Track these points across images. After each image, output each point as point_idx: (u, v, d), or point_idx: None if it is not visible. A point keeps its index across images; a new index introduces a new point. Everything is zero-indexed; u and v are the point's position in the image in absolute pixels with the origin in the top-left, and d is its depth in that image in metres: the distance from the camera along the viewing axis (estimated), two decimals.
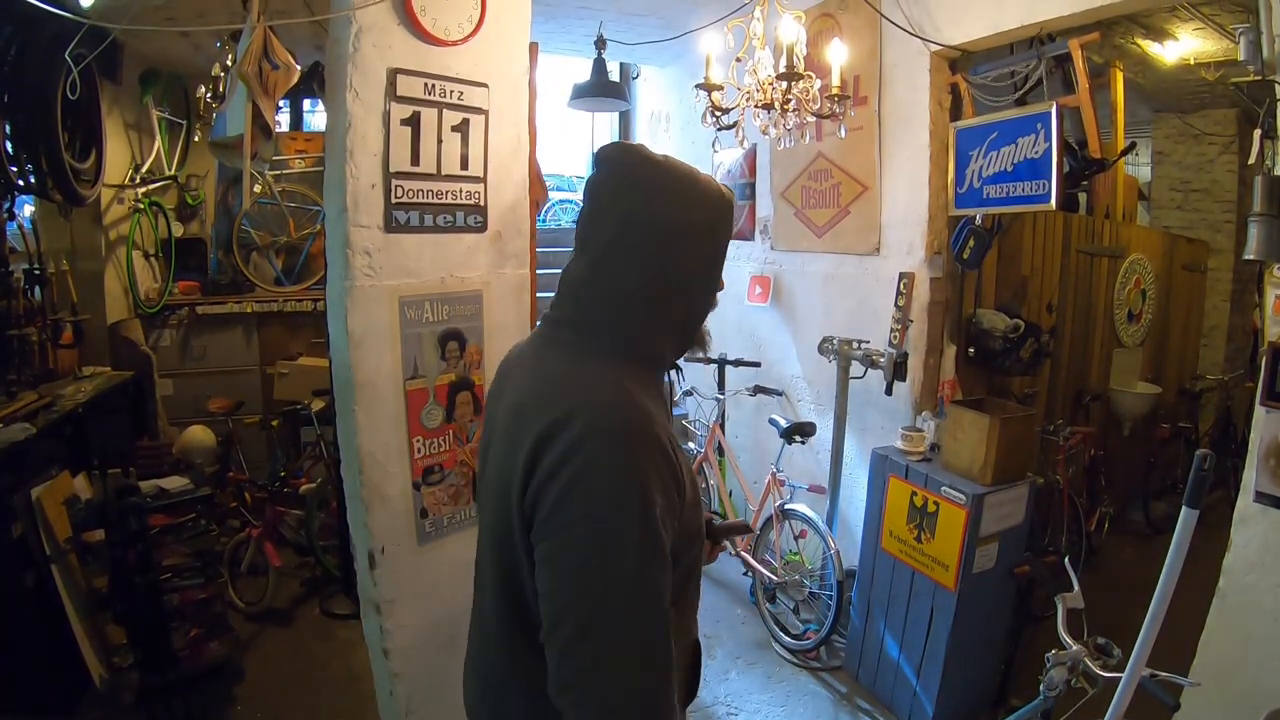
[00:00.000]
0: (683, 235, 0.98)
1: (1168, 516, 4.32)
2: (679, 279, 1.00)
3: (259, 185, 4.29)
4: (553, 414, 0.88)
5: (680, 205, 0.98)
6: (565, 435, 0.85)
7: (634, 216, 0.97)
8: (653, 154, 1.00)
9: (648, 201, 0.97)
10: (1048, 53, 2.47)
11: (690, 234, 0.99)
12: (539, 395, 0.94)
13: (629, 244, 0.97)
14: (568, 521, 0.84)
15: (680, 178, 0.99)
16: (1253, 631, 1.84)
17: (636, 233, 0.96)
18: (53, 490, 2.57)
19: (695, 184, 0.99)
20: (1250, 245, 1.91)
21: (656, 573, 0.86)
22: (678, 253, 0.98)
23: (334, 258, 1.84)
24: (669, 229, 0.97)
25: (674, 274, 0.99)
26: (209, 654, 2.66)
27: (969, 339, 3.06)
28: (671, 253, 0.98)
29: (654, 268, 0.97)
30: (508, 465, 0.92)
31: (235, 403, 4.02)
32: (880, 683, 2.76)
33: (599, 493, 0.84)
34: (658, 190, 0.97)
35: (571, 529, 0.84)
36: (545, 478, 0.85)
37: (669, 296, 0.99)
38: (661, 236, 0.97)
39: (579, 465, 0.84)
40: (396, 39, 1.78)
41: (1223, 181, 5.24)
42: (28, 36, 2.83)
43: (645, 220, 0.96)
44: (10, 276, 3.06)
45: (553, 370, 0.97)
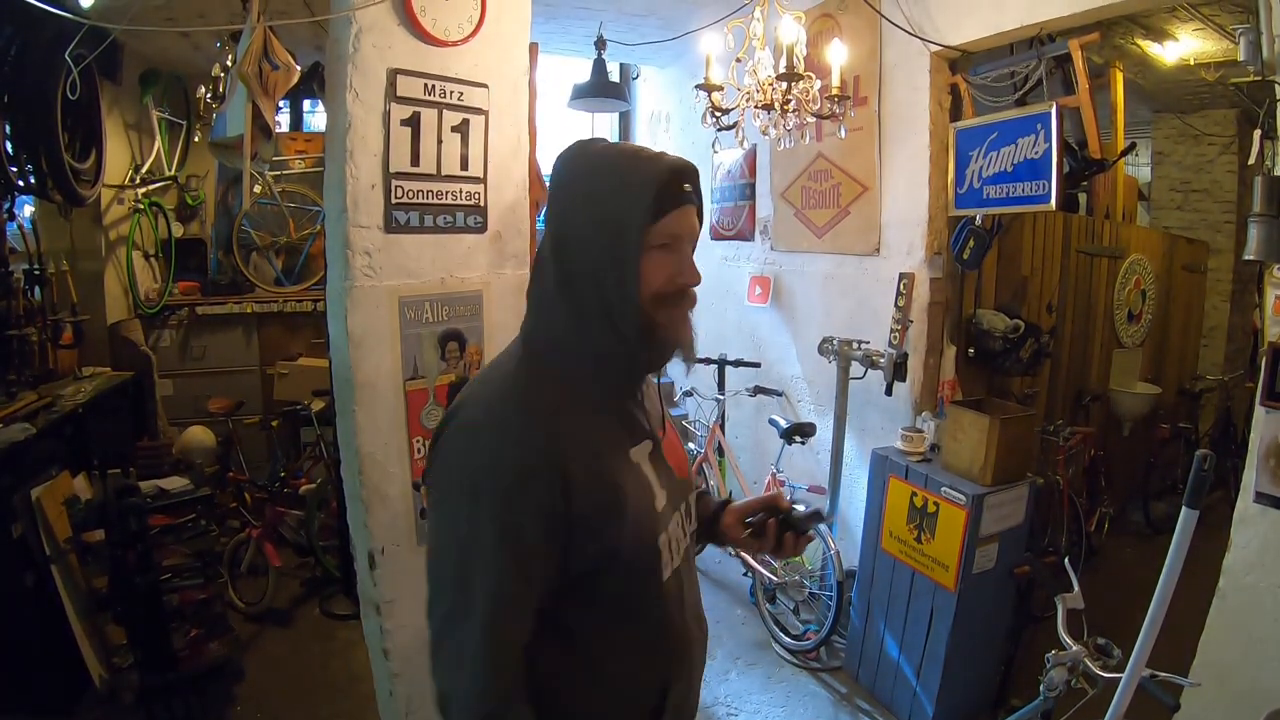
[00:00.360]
0: (574, 207, 0.92)
1: (1168, 517, 4.32)
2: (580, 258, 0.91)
3: (259, 186, 4.29)
4: (457, 402, 0.93)
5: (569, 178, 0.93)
6: (450, 424, 0.90)
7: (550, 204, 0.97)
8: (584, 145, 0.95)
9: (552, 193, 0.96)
10: (1047, 53, 2.47)
11: (581, 203, 0.91)
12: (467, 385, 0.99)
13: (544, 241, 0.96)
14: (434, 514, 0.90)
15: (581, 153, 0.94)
16: (1253, 632, 1.84)
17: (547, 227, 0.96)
18: (53, 490, 2.57)
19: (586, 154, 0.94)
20: (1250, 246, 1.91)
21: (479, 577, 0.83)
22: (573, 228, 0.91)
23: (334, 258, 1.84)
24: (562, 206, 0.93)
25: (574, 253, 0.91)
26: (209, 654, 2.65)
27: (969, 339, 3.07)
28: (567, 230, 0.92)
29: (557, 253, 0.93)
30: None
31: (235, 403, 4.02)
32: (880, 683, 2.76)
33: (440, 489, 0.88)
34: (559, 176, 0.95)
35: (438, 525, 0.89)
36: (429, 460, 0.92)
37: (576, 281, 0.91)
38: (558, 218, 0.94)
39: (446, 455, 0.88)
40: (396, 39, 1.78)
41: (1223, 182, 5.25)
42: (28, 37, 2.83)
43: (551, 212, 0.95)
44: (10, 277, 3.06)
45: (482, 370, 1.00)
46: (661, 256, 0.91)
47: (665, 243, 0.91)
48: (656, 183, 0.88)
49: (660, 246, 0.91)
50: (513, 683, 0.86)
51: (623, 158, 0.92)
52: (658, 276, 0.91)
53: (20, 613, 2.42)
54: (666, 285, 0.92)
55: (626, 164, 0.90)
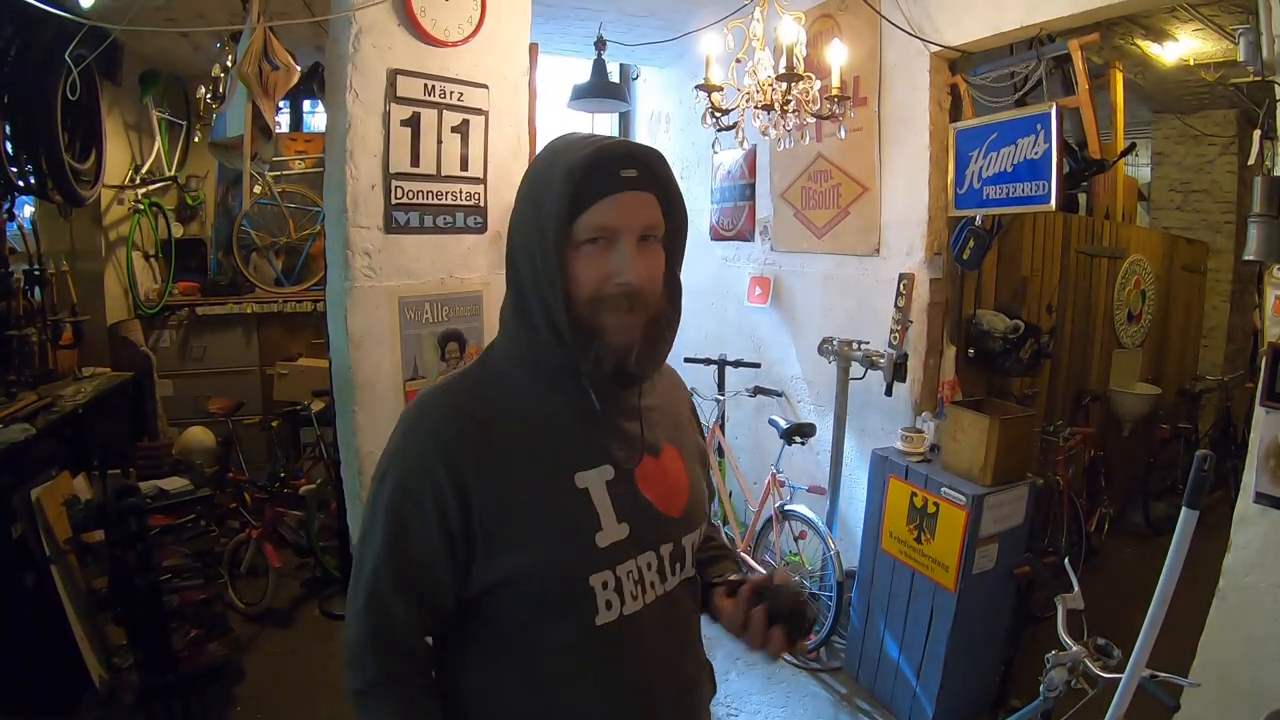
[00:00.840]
0: (515, 210, 0.88)
1: (1167, 517, 4.32)
2: (522, 264, 0.86)
3: (259, 186, 4.29)
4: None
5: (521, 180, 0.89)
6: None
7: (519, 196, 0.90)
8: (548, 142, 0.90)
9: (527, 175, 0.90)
10: (1047, 53, 2.47)
11: (519, 205, 0.87)
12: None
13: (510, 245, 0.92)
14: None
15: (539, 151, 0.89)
16: (1253, 632, 1.84)
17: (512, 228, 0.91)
18: (52, 491, 2.57)
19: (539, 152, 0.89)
20: (1250, 246, 1.91)
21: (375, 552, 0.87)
22: (515, 233, 0.87)
23: (334, 258, 1.84)
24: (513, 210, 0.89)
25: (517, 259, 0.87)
26: (209, 655, 2.65)
27: (969, 340, 3.07)
28: (513, 235, 0.88)
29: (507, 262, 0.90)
30: None
31: (235, 403, 4.02)
32: (880, 683, 2.76)
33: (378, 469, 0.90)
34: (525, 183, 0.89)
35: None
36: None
37: (523, 289, 0.87)
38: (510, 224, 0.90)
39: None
40: (396, 40, 1.78)
41: (1222, 182, 5.25)
42: (28, 37, 2.83)
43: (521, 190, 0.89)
44: (10, 277, 3.06)
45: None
46: (592, 253, 0.82)
47: (594, 237, 0.82)
48: (576, 170, 0.79)
49: (589, 242, 0.82)
50: (388, 664, 0.87)
51: (557, 149, 0.84)
52: (590, 276, 0.82)
53: (20, 613, 2.42)
54: (603, 286, 0.82)
55: (554, 155, 0.82)
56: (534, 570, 0.85)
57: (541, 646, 0.89)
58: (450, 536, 0.84)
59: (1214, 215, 5.29)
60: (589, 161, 0.80)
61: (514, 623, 0.88)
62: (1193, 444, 4.53)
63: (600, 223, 0.81)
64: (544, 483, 0.86)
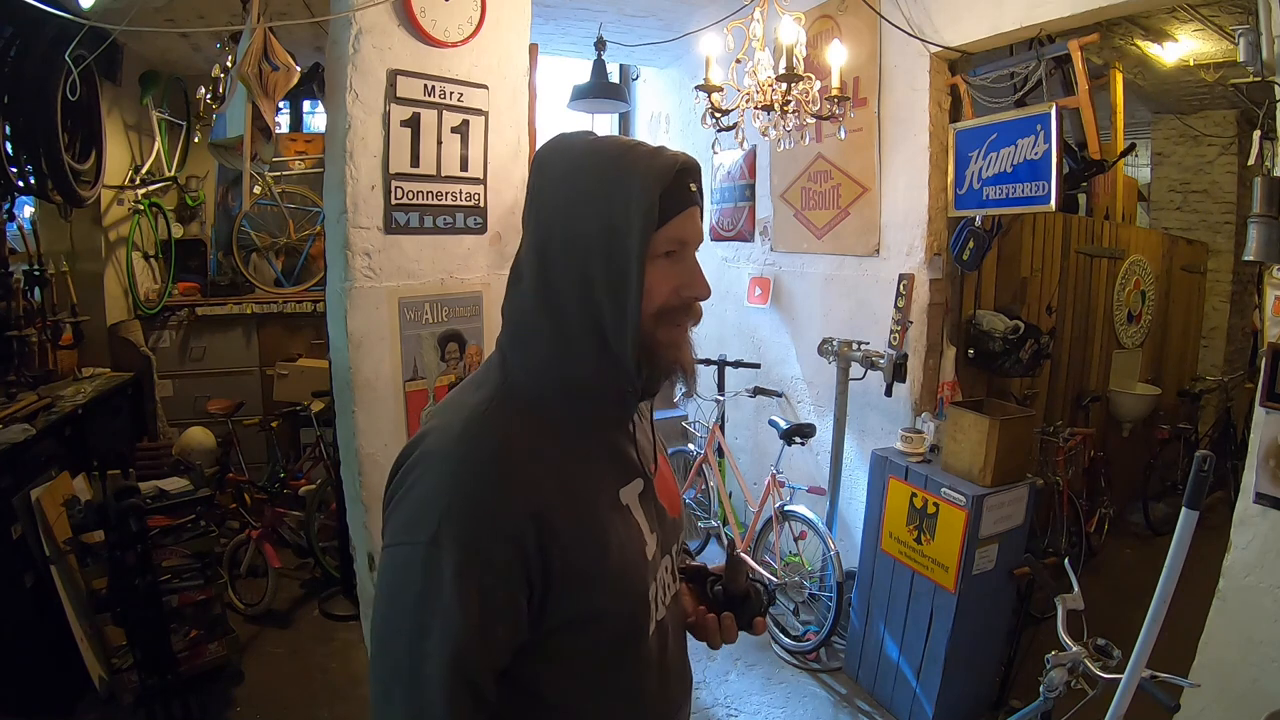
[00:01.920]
0: (559, 210, 0.78)
1: (1167, 518, 4.32)
2: (567, 269, 0.78)
3: (259, 186, 4.29)
4: (422, 431, 0.81)
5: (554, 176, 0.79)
6: (413, 454, 0.78)
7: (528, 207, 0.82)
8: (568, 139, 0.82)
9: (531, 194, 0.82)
10: (1047, 54, 2.47)
11: (567, 206, 0.77)
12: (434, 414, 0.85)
13: (521, 249, 0.82)
14: (385, 550, 0.76)
15: (565, 148, 0.81)
16: (1253, 633, 1.84)
17: (526, 233, 0.82)
18: (52, 491, 2.57)
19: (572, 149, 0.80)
20: (1250, 247, 1.91)
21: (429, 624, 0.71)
22: (558, 235, 0.78)
23: (334, 259, 1.84)
24: (544, 209, 0.79)
25: (559, 263, 0.78)
26: (208, 655, 2.65)
27: (969, 340, 3.07)
28: (551, 237, 0.78)
29: (538, 264, 0.79)
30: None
31: (235, 404, 4.02)
32: (880, 684, 2.76)
33: (398, 526, 0.75)
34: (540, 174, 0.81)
35: (384, 564, 0.75)
36: (387, 500, 0.79)
37: (561, 296, 0.79)
38: (540, 223, 0.80)
39: (398, 494, 0.76)
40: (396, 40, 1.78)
41: (1222, 183, 5.25)
42: (28, 37, 2.83)
43: (530, 217, 0.81)
44: (10, 277, 3.06)
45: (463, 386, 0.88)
46: (667, 266, 0.79)
47: (671, 250, 0.79)
48: (662, 181, 0.76)
49: (665, 255, 0.79)
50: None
51: (619, 152, 0.77)
52: (663, 289, 0.79)
53: (20, 614, 2.42)
54: (672, 299, 0.80)
55: (625, 160, 0.76)
56: (611, 598, 0.80)
57: (606, 666, 0.84)
58: (531, 588, 0.75)
59: (1214, 216, 5.29)
60: (673, 173, 0.78)
61: (580, 650, 0.82)
62: (1192, 445, 4.53)
63: (678, 236, 0.79)
64: (604, 505, 0.82)
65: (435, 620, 0.71)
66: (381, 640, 0.75)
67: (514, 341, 0.83)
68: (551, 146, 0.81)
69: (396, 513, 0.75)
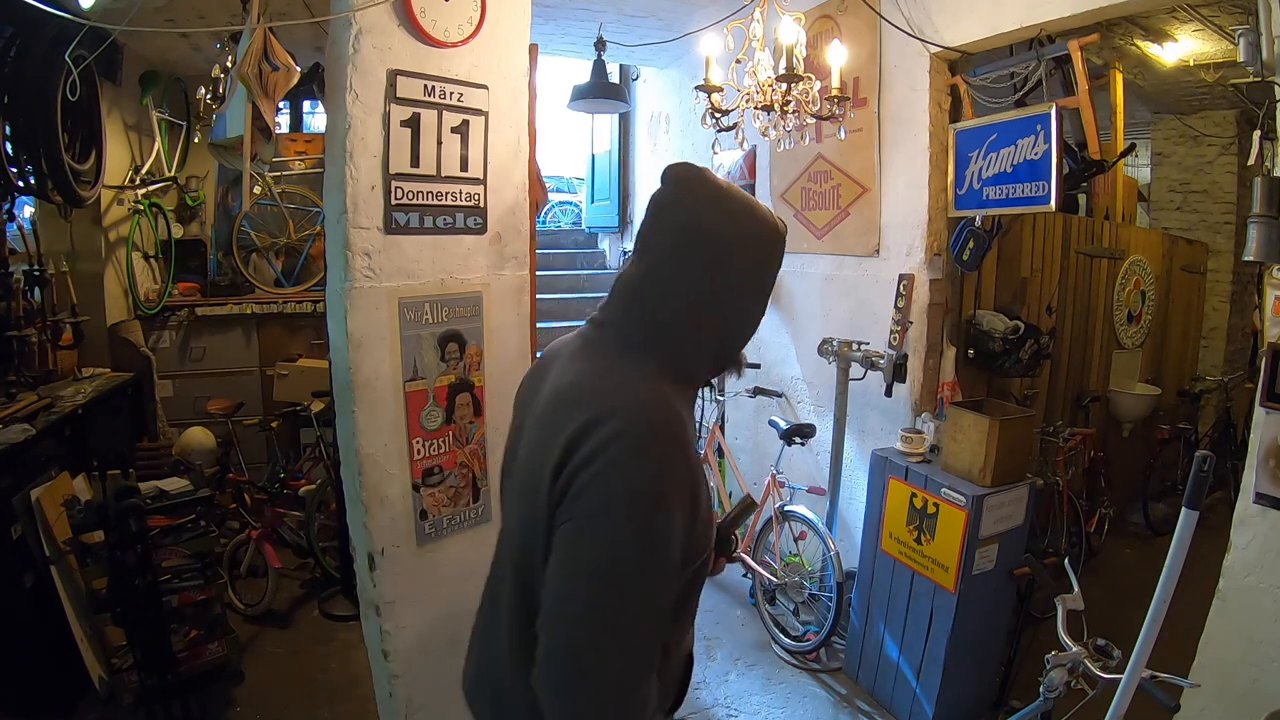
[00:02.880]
0: (732, 251, 0.98)
1: (1167, 518, 4.32)
2: (724, 296, 0.99)
3: (259, 187, 4.29)
4: (595, 408, 0.89)
5: (732, 222, 0.98)
6: (604, 429, 0.86)
7: (690, 227, 0.97)
8: (715, 176, 1.02)
9: (705, 213, 0.98)
10: (1047, 54, 2.47)
11: (740, 251, 0.99)
12: (581, 388, 0.95)
13: (683, 254, 0.97)
14: (589, 514, 0.84)
15: (738, 198, 1.01)
16: (1253, 633, 1.84)
17: (690, 243, 0.97)
18: (52, 491, 2.57)
19: (752, 207, 1.01)
20: (1250, 247, 1.91)
21: (656, 580, 0.86)
22: (726, 269, 0.98)
23: (334, 259, 1.84)
24: (720, 241, 0.97)
25: (720, 290, 0.98)
26: (208, 655, 2.65)
27: (968, 341, 3.07)
28: (720, 268, 0.98)
29: (702, 282, 0.97)
30: (542, 448, 0.91)
31: (235, 404, 4.02)
32: (880, 684, 2.76)
33: (621, 491, 0.84)
34: (716, 204, 0.98)
35: (590, 522, 0.84)
36: (578, 466, 0.86)
37: (713, 312, 0.99)
38: (712, 249, 0.97)
39: (609, 459, 0.84)
40: (396, 40, 1.78)
41: (1222, 183, 5.25)
42: (28, 37, 2.83)
43: (700, 231, 0.97)
44: (10, 278, 3.06)
45: (597, 367, 0.97)
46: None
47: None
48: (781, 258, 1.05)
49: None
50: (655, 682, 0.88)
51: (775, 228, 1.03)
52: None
53: (20, 614, 2.42)
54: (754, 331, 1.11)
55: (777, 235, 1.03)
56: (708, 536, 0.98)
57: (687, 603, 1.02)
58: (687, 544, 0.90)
59: (1214, 216, 5.29)
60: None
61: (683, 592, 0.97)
62: (1192, 445, 4.53)
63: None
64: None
65: (655, 580, 0.86)
66: (599, 603, 0.83)
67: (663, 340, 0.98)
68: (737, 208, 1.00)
69: (605, 483, 0.84)
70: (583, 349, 1.02)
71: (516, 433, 1.08)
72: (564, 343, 1.10)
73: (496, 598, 1.05)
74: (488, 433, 2.06)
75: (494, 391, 2.06)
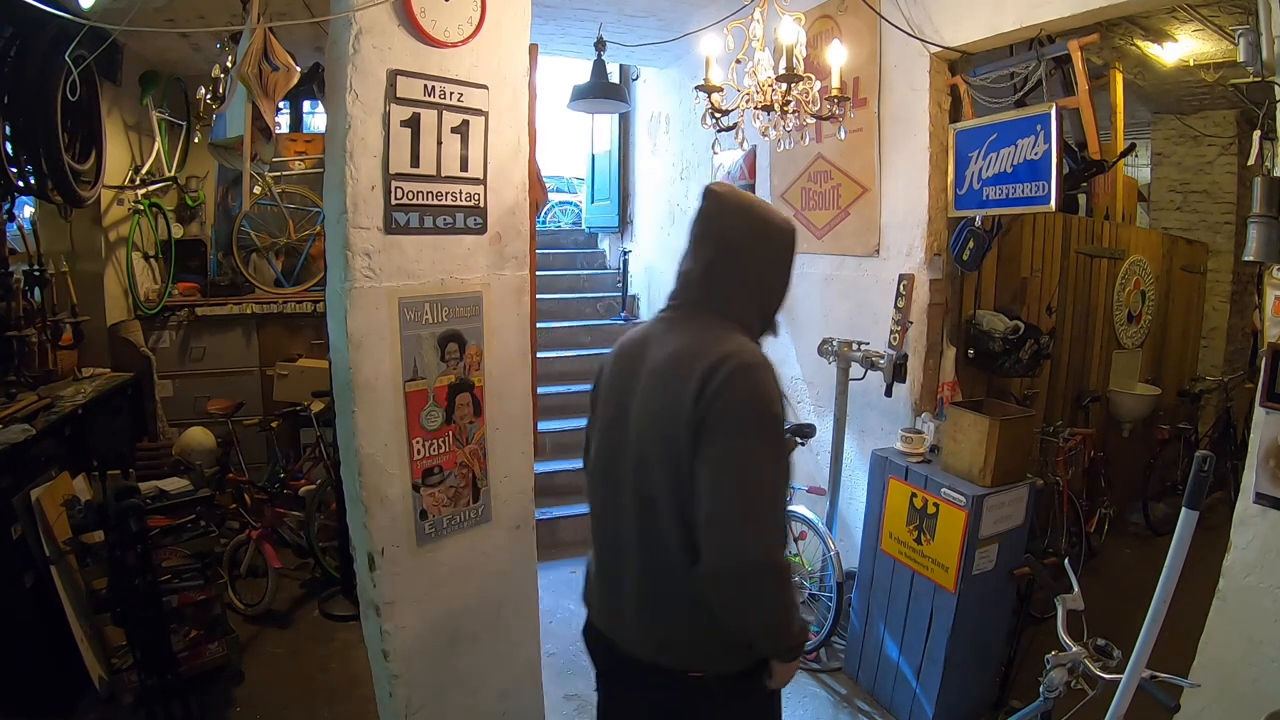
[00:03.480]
0: (758, 248, 1.37)
1: (1167, 518, 4.32)
2: (757, 277, 1.38)
3: (259, 187, 4.29)
4: (714, 354, 1.22)
5: (757, 227, 1.38)
6: (727, 367, 1.19)
7: (729, 234, 1.36)
8: (743, 192, 1.44)
9: (738, 223, 1.37)
10: (1047, 54, 2.47)
11: (764, 248, 1.38)
12: (693, 346, 1.27)
13: (725, 253, 1.36)
14: (730, 432, 1.17)
15: (759, 209, 1.41)
16: (1253, 633, 1.84)
17: (730, 245, 1.36)
18: (52, 491, 2.57)
19: (770, 215, 1.41)
20: (1250, 247, 1.91)
21: (783, 478, 1.26)
22: (756, 260, 1.37)
23: (333, 259, 1.84)
24: (749, 242, 1.36)
25: (754, 274, 1.37)
26: (208, 655, 2.65)
27: (969, 340, 3.07)
28: (752, 259, 1.37)
29: (742, 270, 1.36)
30: (672, 398, 1.23)
31: (235, 404, 4.03)
32: (880, 684, 2.76)
33: (752, 411, 1.19)
34: (746, 216, 1.38)
35: (732, 440, 1.17)
36: (714, 396, 1.18)
37: (753, 289, 1.38)
38: (745, 247, 1.36)
39: (739, 387, 1.18)
40: (396, 40, 1.77)
41: (1222, 183, 5.25)
42: (28, 38, 2.83)
43: (737, 237, 1.36)
44: (10, 278, 3.06)
45: (696, 332, 1.31)
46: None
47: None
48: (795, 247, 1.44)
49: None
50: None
51: (789, 227, 1.42)
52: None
53: (20, 614, 2.42)
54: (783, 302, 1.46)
55: (791, 232, 1.41)
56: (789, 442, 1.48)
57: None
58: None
59: (1214, 216, 5.29)
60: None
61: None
62: (1192, 445, 4.53)
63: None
64: None
65: (777, 456, 1.24)
66: (758, 481, 1.18)
67: (729, 305, 1.36)
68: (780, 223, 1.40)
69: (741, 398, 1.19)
70: (672, 325, 1.36)
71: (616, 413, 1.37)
72: (645, 328, 1.42)
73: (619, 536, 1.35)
74: (488, 432, 2.06)
75: (494, 391, 2.06)
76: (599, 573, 1.44)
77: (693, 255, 1.38)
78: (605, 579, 1.41)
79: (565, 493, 4.18)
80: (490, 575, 2.09)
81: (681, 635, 1.28)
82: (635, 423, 1.31)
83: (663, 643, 1.31)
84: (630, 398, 1.33)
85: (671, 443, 1.22)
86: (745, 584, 1.15)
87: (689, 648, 1.29)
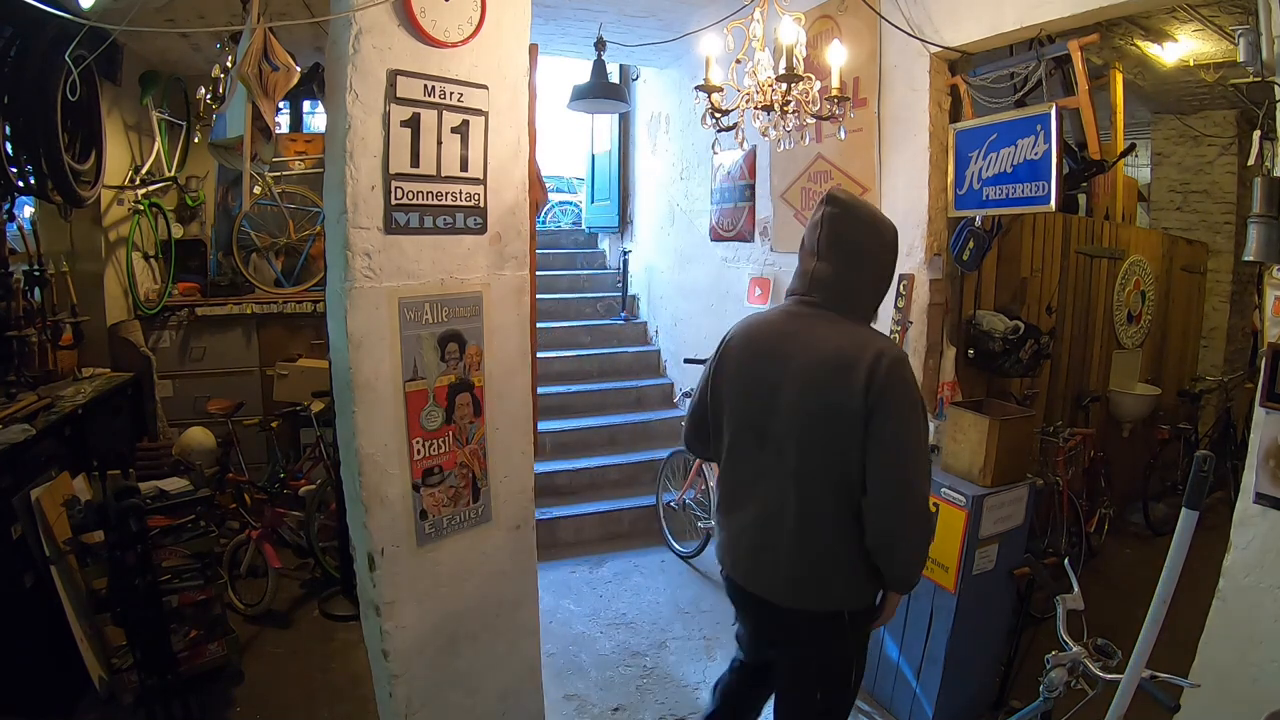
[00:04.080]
0: (878, 252, 1.66)
1: (1167, 518, 4.32)
2: (877, 277, 1.67)
3: (259, 187, 4.29)
4: (870, 351, 1.52)
5: (875, 234, 1.66)
6: (885, 359, 1.51)
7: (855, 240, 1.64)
8: (861, 201, 1.70)
9: (862, 229, 1.65)
10: (1047, 54, 2.47)
11: (882, 252, 1.67)
12: (848, 345, 1.55)
13: (850, 256, 1.63)
14: (897, 415, 1.49)
15: (877, 217, 1.68)
16: (1253, 633, 1.84)
17: (856, 249, 1.64)
18: (52, 491, 2.57)
19: (882, 222, 1.68)
20: (1250, 247, 1.91)
21: (927, 431, 1.54)
22: (874, 262, 1.66)
23: (334, 259, 1.84)
24: (871, 246, 1.65)
25: (872, 275, 1.66)
26: (208, 655, 2.65)
27: (968, 341, 3.07)
28: (872, 262, 1.65)
29: (865, 271, 1.65)
30: (839, 389, 1.51)
31: (235, 404, 4.03)
32: (880, 684, 2.76)
33: (909, 398, 1.52)
34: (868, 224, 1.66)
35: (898, 422, 1.49)
36: (881, 387, 1.48)
37: (871, 288, 1.67)
38: (868, 252, 1.65)
39: (897, 378, 1.50)
40: (396, 40, 1.77)
41: (1222, 183, 5.25)
42: (28, 37, 2.83)
43: (861, 243, 1.64)
44: (10, 278, 3.06)
45: (841, 332, 1.59)
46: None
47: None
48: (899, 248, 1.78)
49: None
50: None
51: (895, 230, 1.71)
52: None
53: (20, 614, 2.42)
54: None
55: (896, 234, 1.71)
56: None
57: None
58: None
59: (1214, 216, 5.29)
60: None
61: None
62: (1192, 445, 4.53)
63: None
64: None
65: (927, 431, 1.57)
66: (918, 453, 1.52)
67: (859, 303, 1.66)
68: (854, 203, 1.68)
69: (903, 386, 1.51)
70: (810, 322, 1.62)
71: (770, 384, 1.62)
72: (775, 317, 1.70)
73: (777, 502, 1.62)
74: (488, 432, 2.06)
75: (494, 391, 2.06)
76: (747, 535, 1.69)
77: (822, 258, 1.64)
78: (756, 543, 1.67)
79: (565, 493, 4.18)
80: (490, 575, 2.09)
81: (827, 573, 1.59)
82: (801, 409, 1.57)
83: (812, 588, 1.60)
84: (780, 386, 1.60)
85: (844, 426, 1.50)
86: (908, 515, 1.50)
87: (833, 587, 1.60)
